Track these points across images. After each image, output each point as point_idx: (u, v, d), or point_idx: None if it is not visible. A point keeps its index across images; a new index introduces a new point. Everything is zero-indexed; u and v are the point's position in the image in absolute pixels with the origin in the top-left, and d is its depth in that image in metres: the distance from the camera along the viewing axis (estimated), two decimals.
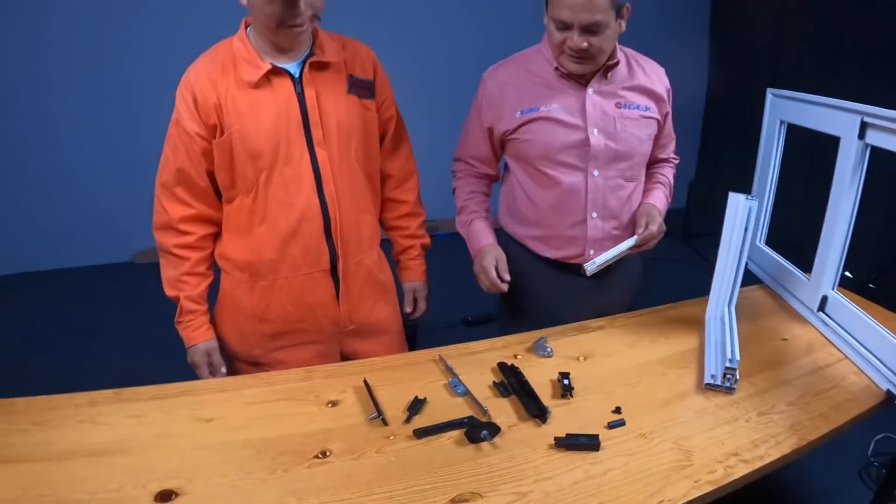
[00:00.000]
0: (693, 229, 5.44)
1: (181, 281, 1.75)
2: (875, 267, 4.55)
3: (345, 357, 1.89)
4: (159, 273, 1.80)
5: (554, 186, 1.85)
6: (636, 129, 1.85)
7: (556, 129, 1.80)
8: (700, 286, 2.02)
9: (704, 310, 1.93)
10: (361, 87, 1.77)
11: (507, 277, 1.80)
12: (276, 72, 1.63)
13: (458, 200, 2.02)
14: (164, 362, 2.29)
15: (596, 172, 1.83)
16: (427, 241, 2.07)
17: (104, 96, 4.66)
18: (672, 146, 2.08)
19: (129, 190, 4.72)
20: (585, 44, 1.65)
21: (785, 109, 2.13)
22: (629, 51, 1.90)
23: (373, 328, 1.92)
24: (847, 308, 1.84)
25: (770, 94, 2.21)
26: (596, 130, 1.80)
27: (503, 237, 2.02)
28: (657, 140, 1.97)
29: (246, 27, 1.68)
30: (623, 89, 1.84)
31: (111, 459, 1.26)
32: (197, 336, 1.76)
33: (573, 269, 1.93)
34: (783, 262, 2.15)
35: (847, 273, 4.57)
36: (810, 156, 4.40)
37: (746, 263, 2.27)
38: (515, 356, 1.71)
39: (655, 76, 1.91)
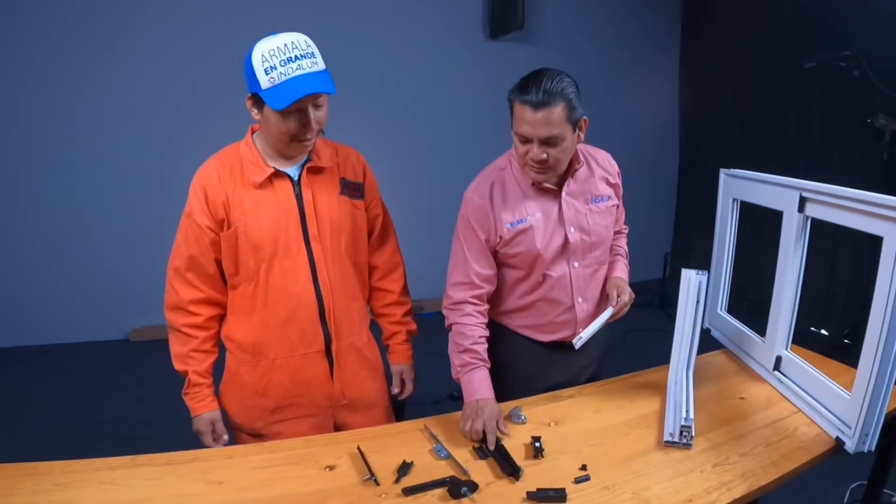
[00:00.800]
0: (670, 299, 5.66)
1: (189, 357, 1.91)
2: (848, 323, 4.75)
3: (337, 428, 2.05)
4: (153, 350, 1.98)
5: (543, 282, 2.04)
6: (603, 220, 2.06)
7: (541, 237, 1.99)
8: None
9: (664, 376, 2.10)
10: (352, 189, 2.01)
11: (506, 431, 1.84)
12: (277, 174, 1.86)
13: (460, 339, 2.00)
14: (159, 437, 2.41)
15: (576, 264, 2.03)
16: (413, 327, 2.25)
17: (106, 179, 4.91)
18: (623, 218, 2.28)
19: (126, 271, 4.99)
20: (545, 155, 1.84)
21: (736, 187, 2.35)
22: (582, 147, 2.08)
23: (363, 402, 2.09)
24: (800, 366, 2.00)
25: (722, 173, 2.43)
26: (573, 229, 2.00)
27: (490, 324, 2.13)
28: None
29: (252, 133, 1.92)
30: (588, 185, 2.04)
31: None
32: (202, 406, 1.92)
33: (558, 345, 2.12)
34: (741, 327, 2.33)
35: (823, 331, 4.76)
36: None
37: (710, 330, 2.48)
38: None
39: (607, 163, 2.13)
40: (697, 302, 1.94)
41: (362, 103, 5.14)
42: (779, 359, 2.09)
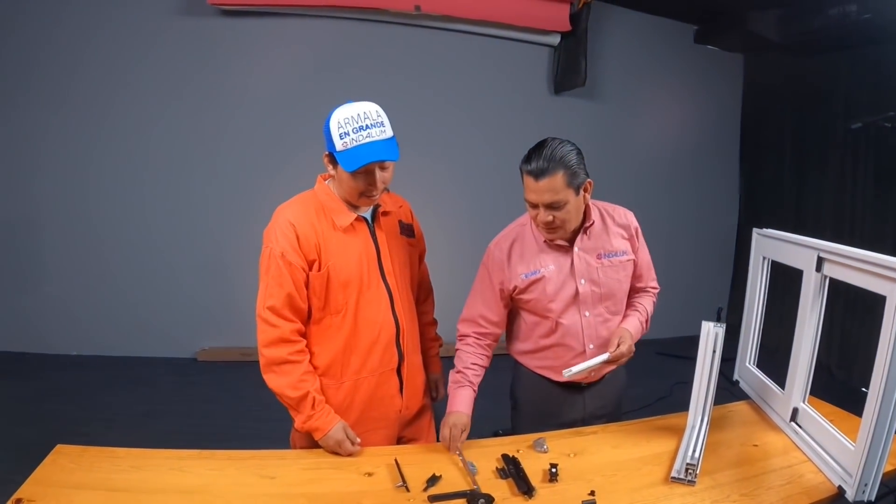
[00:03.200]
0: (722, 353, 5.58)
1: (303, 380, 2.03)
2: (869, 372, 4.70)
3: (399, 439, 2.31)
4: (219, 370, 2.17)
5: (556, 328, 2.22)
6: (615, 273, 2.23)
7: (553, 287, 2.18)
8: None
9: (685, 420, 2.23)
10: (407, 230, 2.31)
11: (459, 446, 2.06)
12: (357, 219, 2.12)
13: (457, 362, 2.28)
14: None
15: (587, 313, 2.21)
16: (441, 341, 2.56)
17: (188, 214, 5.31)
18: (649, 276, 2.39)
19: (198, 294, 5.35)
20: (550, 217, 2.03)
21: (766, 246, 2.49)
22: (601, 205, 2.27)
23: (420, 411, 2.34)
24: (814, 418, 2.11)
25: (755, 233, 2.57)
26: (583, 280, 2.18)
27: (512, 363, 2.40)
28: (635, 273, 2.31)
29: (323, 180, 2.17)
30: (601, 241, 2.21)
31: (196, 497, 1.70)
32: (332, 419, 2.05)
33: (572, 385, 2.29)
34: (764, 378, 2.45)
35: (864, 389, 4.71)
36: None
37: (739, 382, 2.60)
38: (518, 450, 2.04)
39: (623, 220, 2.28)
40: (714, 351, 2.10)
41: (430, 153, 5.37)
42: (795, 410, 2.20)
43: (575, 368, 2.07)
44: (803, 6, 4.95)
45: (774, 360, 2.56)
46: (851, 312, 4.84)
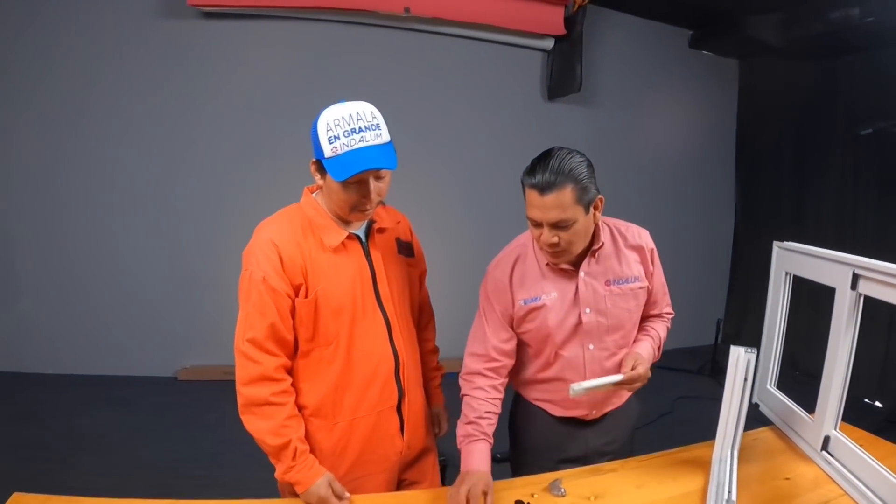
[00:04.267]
0: (721, 366, 5.44)
1: (285, 426, 1.79)
2: (870, 381, 4.59)
3: (399, 482, 2.10)
4: (200, 390, 1.96)
5: (556, 360, 2.02)
6: (624, 303, 2.00)
7: (555, 316, 1.96)
8: None
9: (712, 452, 2.04)
10: (406, 249, 2.07)
11: None
12: (350, 237, 1.89)
13: (468, 411, 1.99)
14: (201, 478, 2.41)
15: (591, 346, 1.99)
16: (443, 371, 2.32)
17: (167, 229, 5.08)
18: (664, 302, 2.18)
19: (178, 312, 5.11)
20: (556, 238, 1.80)
21: (789, 261, 2.32)
22: (612, 222, 2.05)
23: (423, 451, 2.13)
24: (848, 447, 1.94)
25: (776, 246, 2.40)
26: (588, 310, 1.96)
27: (512, 394, 2.21)
28: (649, 299, 2.10)
29: (311, 193, 1.94)
30: (611, 266, 1.99)
31: None
32: (316, 473, 1.81)
33: (578, 421, 2.10)
34: (790, 403, 2.27)
35: (877, 403, 4.61)
36: None
37: (759, 405, 2.42)
38: (532, 495, 1.86)
39: (637, 241, 2.04)
40: (745, 380, 1.89)
41: (419, 162, 5.20)
42: (827, 438, 2.03)
43: (585, 384, 1.86)
44: (804, 10, 4.83)
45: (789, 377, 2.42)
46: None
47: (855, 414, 2.12)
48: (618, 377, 1.91)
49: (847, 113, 5.13)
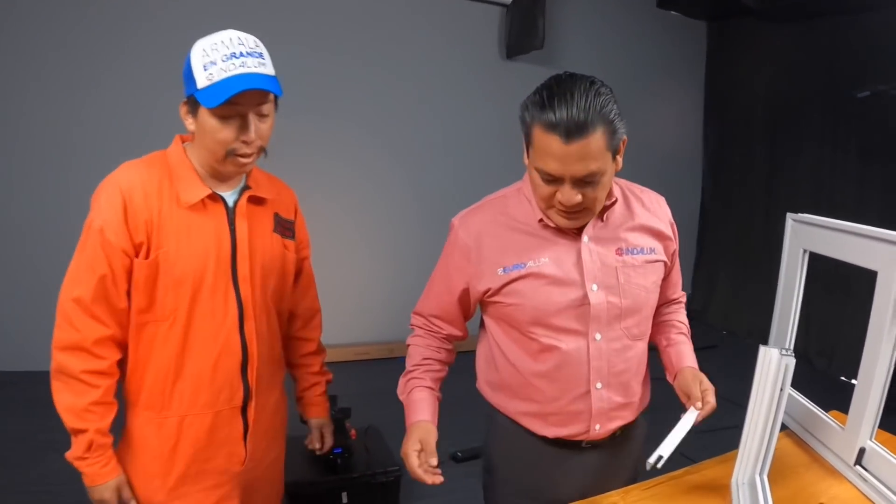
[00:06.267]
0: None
1: (88, 412, 1.54)
2: (849, 361, 4.40)
3: None
4: None
5: (548, 356, 1.56)
6: (641, 279, 1.57)
7: (548, 289, 1.51)
8: None
9: (726, 471, 1.66)
10: (285, 227, 1.78)
11: (434, 462, 1.50)
12: (212, 197, 1.60)
13: (408, 362, 1.73)
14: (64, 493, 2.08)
15: (598, 335, 1.54)
16: (330, 377, 2.05)
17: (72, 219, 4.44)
18: (680, 282, 1.83)
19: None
20: (579, 197, 1.39)
21: (809, 236, 1.95)
22: (624, 182, 1.64)
23: (265, 473, 1.84)
24: (886, 459, 1.60)
25: (790, 219, 2.03)
26: (595, 286, 1.52)
27: (486, 407, 1.77)
28: (667, 280, 1.71)
29: (182, 142, 1.63)
30: (623, 231, 1.57)
31: None
32: (108, 472, 1.58)
33: (572, 445, 1.65)
34: (813, 407, 1.92)
35: (854, 381, 4.42)
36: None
37: None
38: None
39: (657, 209, 1.66)
40: (781, 390, 1.50)
41: (364, 124, 4.91)
42: (862, 451, 1.68)
43: (664, 450, 1.44)
44: None
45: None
46: (829, 294, 4.48)
47: (834, 395, 1.98)
48: (692, 416, 1.51)
49: (827, 78, 4.87)
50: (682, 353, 1.70)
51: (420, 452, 1.51)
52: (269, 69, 1.51)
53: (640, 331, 1.62)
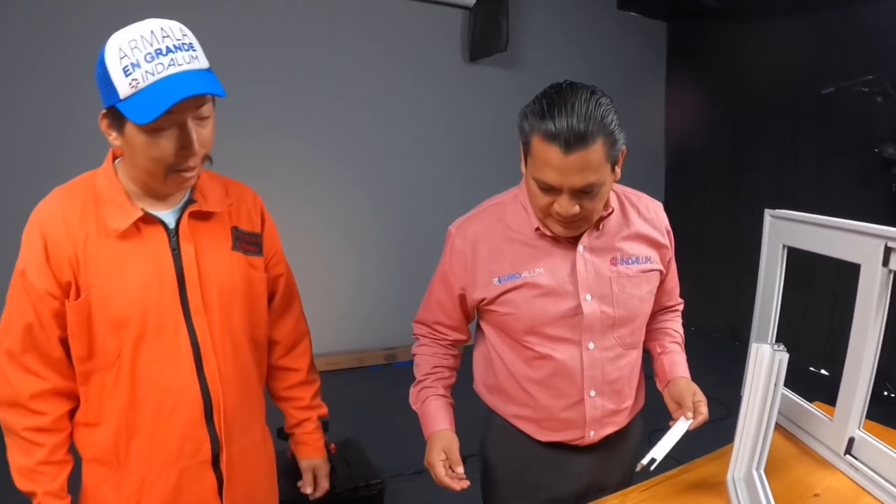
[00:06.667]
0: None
1: (37, 472, 1.38)
2: (818, 351, 4.50)
3: None
4: None
5: (542, 364, 1.58)
6: (635, 289, 1.59)
7: (542, 300, 1.53)
8: None
9: (720, 468, 1.67)
10: (248, 243, 1.52)
11: (461, 470, 1.51)
12: (147, 220, 1.37)
13: (417, 372, 1.73)
14: None
15: (591, 345, 1.56)
16: (324, 411, 1.79)
17: None
18: (677, 291, 1.82)
19: None
20: (577, 208, 1.40)
21: (788, 232, 1.98)
22: (620, 188, 1.66)
23: None
24: (876, 447, 1.64)
25: (768, 215, 2.05)
26: (589, 296, 1.54)
27: (481, 409, 1.78)
28: (662, 287, 1.73)
29: (114, 159, 1.41)
30: (619, 240, 1.59)
31: None
32: None
33: (568, 447, 1.67)
34: (799, 400, 1.95)
35: (823, 371, 4.50)
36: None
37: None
38: None
39: (653, 217, 1.66)
40: (776, 386, 1.51)
41: (321, 128, 4.81)
42: (851, 440, 1.71)
43: (657, 453, 1.46)
44: None
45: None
46: (794, 286, 4.56)
47: (803, 385, 1.96)
48: (685, 425, 1.51)
49: (788, 75, 4.96)
50: (676, 362, 1.71)
51: (445, 461, 1.51)
52: (202, 62, 1.27)
53: (633, 339, 1.64)
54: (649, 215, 1.65)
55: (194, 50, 1.26)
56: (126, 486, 1.43)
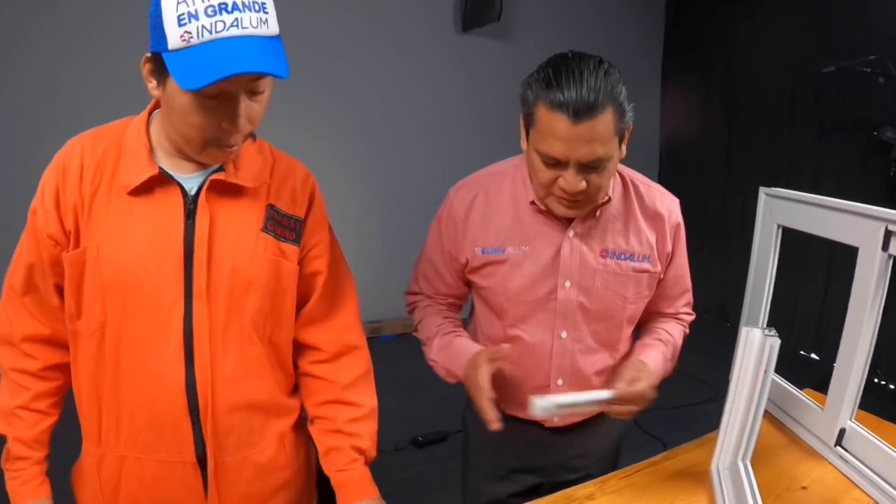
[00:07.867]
0: None
1: (14, 415, 1.28)
2: (807, 334, 4.46)
3: None
4: None
5: (513, 343, 1.52)
6: (620, 287, 1.51)
7: (520, 279, 1.47)
8: None
9: (704, 456, 1.61)
10: (284, 227, 1.30)
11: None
12: (162, 181, 1.20)
13: (424, 332, 1.62)
14: None
15: (564, 333, 1.50)
16: (364, 445, 1.40)
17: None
18: (684, 299, 1.72)
19: None
20: (584, 184, 1.32)
21: (783, 212, 1.89)
22: (628, 172, 1.56)
23: None
24: (867, 439, 1.57)
25: (763, 193, 1.96)
26: (568, 283, 1.47)
27: (445, 387, 1.71)
28: (661, 290, 1.64)
29: (150, 112, 1.27)
30: (614, 232, 1.50)
31: None
32: (26, 492, 1.28)
33: (539, 425, 1.62)
34: (789, 387, 1.87)
35: (813, 355, 4.46)
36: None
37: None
38: None
39: (659, 208, 1.56)
40: (766, 372, 1.42)
41: (312, 98, 4.65)
42: (842, 431, 1.64)
43: (554, 399, 1.36)
44: None
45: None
46: (786, 268, 4.52)
47: (792, 368, 1.91)
48: (605, 394, 1.39)
49: (787, 54, 4.87)
50: (647, 350, 1.59)
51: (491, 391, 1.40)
52: (271, 27, 1.08)
53: (608, 338, 1.57)
54: (654, 206, 1.55)
55: (266, 12, 1.07)
56: (106, 465, 1.30)
